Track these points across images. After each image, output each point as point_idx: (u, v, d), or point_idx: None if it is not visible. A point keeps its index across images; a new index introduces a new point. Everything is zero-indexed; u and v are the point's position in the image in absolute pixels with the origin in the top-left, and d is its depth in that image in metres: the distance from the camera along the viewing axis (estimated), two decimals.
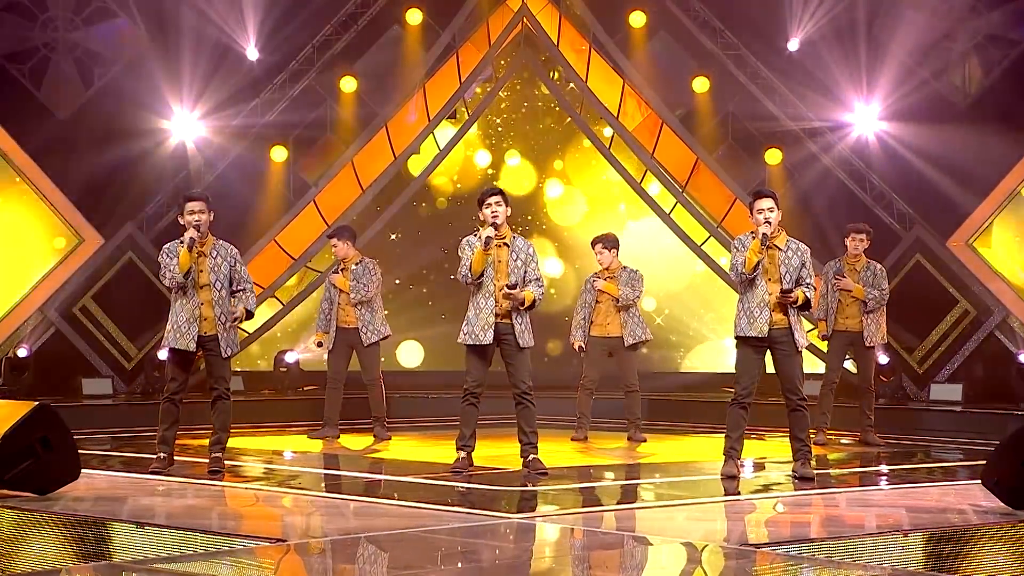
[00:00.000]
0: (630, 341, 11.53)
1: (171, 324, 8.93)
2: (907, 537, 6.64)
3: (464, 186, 17.84)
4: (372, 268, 11.79)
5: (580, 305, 11.75)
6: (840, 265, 11.53)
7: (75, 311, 15.20)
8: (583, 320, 11.65)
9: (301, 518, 7.44)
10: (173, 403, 9.00)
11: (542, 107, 18.15)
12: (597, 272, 11.71)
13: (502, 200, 8.90)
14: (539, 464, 8.92)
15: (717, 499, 8.14)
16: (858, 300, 11.35)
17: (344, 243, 11.82)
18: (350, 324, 11.71)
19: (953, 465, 10.71)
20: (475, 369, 8.99)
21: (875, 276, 11.38)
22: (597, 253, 11.68)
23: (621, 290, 11.49)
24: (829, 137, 15.62)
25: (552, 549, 6.51)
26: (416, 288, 17.68)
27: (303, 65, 16.19)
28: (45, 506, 7.32)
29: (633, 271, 11.65)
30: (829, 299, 11.49)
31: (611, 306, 11.54)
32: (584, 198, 18.07)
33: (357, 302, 11.61)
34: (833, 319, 11.44)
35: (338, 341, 11.74)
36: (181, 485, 8.59)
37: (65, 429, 7.85)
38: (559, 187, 18.12)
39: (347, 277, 11.70)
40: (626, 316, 11.53)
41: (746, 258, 8.65)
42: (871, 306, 11.30)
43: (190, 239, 8.77)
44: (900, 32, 14.97)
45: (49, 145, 15.02)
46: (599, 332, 11.60)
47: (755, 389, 8.84)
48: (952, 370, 14.88)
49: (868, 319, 11.33)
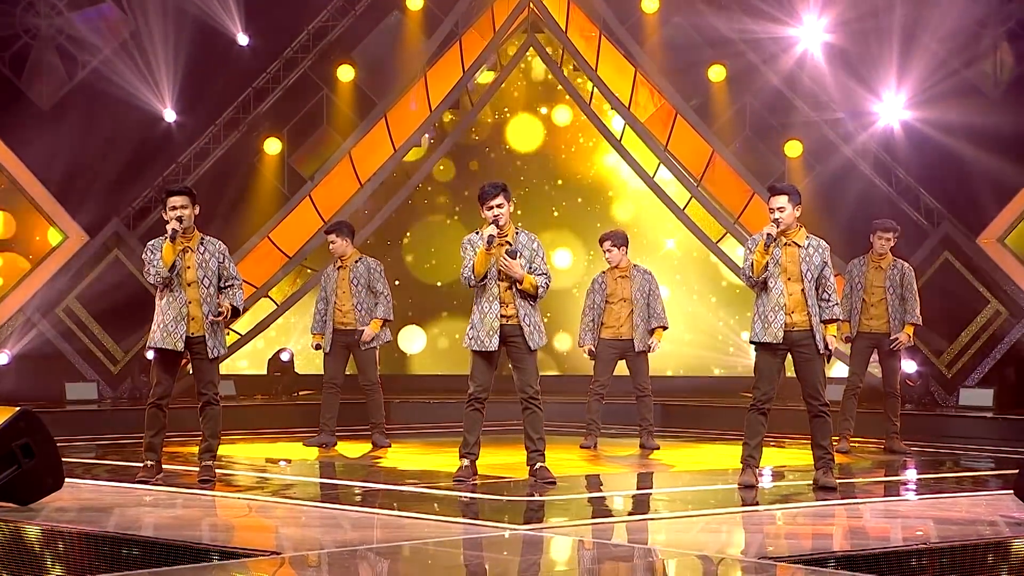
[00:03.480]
0: (639, 348, 11.52)
1: (157, 323, 8.93)
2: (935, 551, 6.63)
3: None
4: (378, 269, 11.78)
5: (588, 306, 11.65)
6: (864, 263, 11.51)
7: (58, 312, 15.23)
8: (592, 322, 11.59)
9: (296, 530, 7.44)
10: (159, 408, 8.98)
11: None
12: (605, 271, 11.68)
13: (503, 199, 8.89)
14: (547, 473, 8.92)
15: (734, 510, 8.12)
16: (884, 300, 11.32)
17: (343, 240, 11.80)
18: (348, 325, 11.69)
19: (983, 474, 10.70)
20: (480, 373, 8.99)
21: (903, 276, 11.34)
22: (606, 251, 11.61)
23: (660, 320, 11.49)
24: (852, 128, 15.60)
25: (561, 563, 6.51)
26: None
27: (298, 52, 16.21)
28: (27, 517, 7.32)
29: (645, 271, 11.64)
30: (853, 299, 11.46)
31: (622, 307, 11.52)
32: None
33: (386, 317, 11.66)
34: (857, 320, 11.42)
35: (335, 343, 11.71)
36: (170, 495, 8.59)
37: (48, 436, 7.85)
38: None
39: (347, 276, 11.69)
40: (638, 319, 11.51)
41: (754, 260, 8.65)
42: (913, 320, 11.30)
43: (172, 231, 8.79)
44: (928, 18, 14.93)
45: (31, 137, 15.05)
46: (610, 335, 11.55)
47: (775, 394, 8.84)
48: (983, 374, 14.86)
49: (895, 322, 11.31)
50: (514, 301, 8.88)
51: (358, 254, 11.88)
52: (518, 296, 8.88)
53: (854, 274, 11.50)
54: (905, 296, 11.33)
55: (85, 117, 15.13)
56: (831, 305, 8.69)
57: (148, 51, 15.33)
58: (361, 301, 11.68)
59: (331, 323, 11.69)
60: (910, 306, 11.31)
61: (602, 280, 11.61)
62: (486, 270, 8.85)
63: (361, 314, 11.66)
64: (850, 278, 11.52)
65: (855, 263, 11.59)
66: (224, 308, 8.97)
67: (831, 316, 8.70)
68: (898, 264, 11.43)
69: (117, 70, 15.28)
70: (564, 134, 18.18)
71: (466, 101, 16.87)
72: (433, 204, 18.18)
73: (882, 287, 11.35)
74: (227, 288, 9.04)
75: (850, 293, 11.48)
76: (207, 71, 15.58)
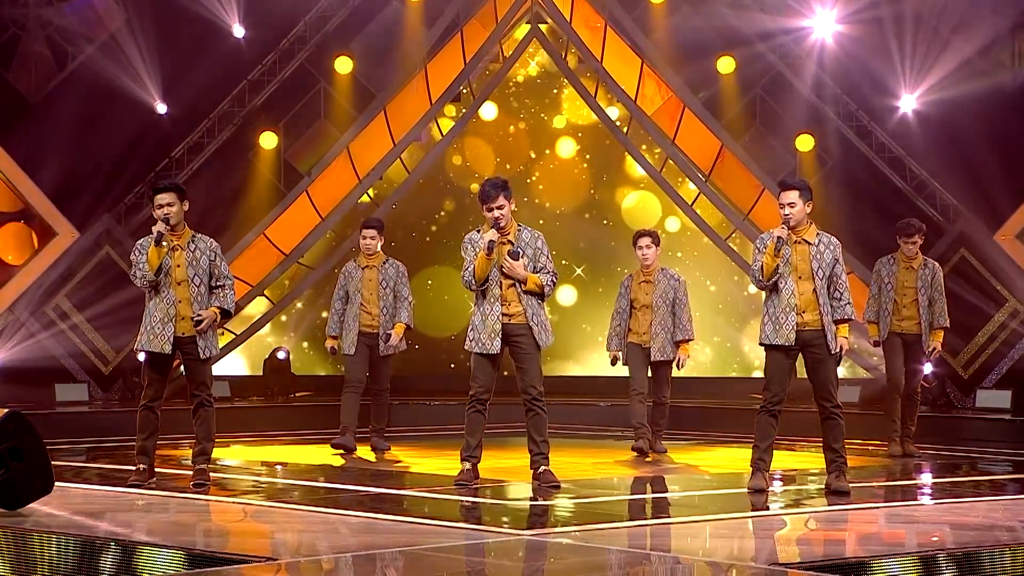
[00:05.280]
0: (659, 358, 11.29)
1: (144, 325, 8.91)
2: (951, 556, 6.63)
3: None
4: (405, 272, 11.70)
5: (615, 312, 11.49)
6: (895, 263, 11.36)
7: (48, 311, 15.22)
8: (619, 327, 11.42)
9: (293, 535, 7.44)
10: (151, 411, 8.96)
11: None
12: (632, 274, 11.50)
13: (504, 199, 8.86)
14: (551, 476, 8.92)
15: (744, 514, 8.12)
16: (917, 301, 11.22)
17: (382, 238, 11.70)
18: (374, 328, 11.53)
19: (1001, 478, 10.69)
20: (482, 375, 8.98)
21: (934, 276, 11.27)
22: (645, 248, 11.31)
23: (688, 335, 11.27)
24: (865, 121, 15.59)
25: (565, 568, 6.51)
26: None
27: (294, 44, 16.20)
28: (15, 522, 7.32)
29: (673, 276, 11.41)
30: (882, 300, 11.35)
31: (645, 314, 11.28)
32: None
33: (410, 324, 11.54)
34: (888, 321, 11.30)
35: (360, 344, 11.50)
36: (163, 499, 8.59)
37: (37, 438, 7.85)
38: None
39: (374, 277, 11.53)
40: (658, 327, 11.26)
41: (763, 263, 8.64)
42: (943, 323, 11.23)
43: (158, 233, 8.73)
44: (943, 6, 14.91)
45: (19, 131, 15.04)
46: (637, 340, 11.33)
47: (786, 396, 8.83)
48: (1000, 375, 14.85)
49: (926, 323, 11.20)
50: (518, 300, 8.87)
51: (384, 255, 11.74)
52: (524, 294, 8.87)
53: (883, 274, 11.38)
54: (934, 297, 11.26)
55: (75, 110, 15.11)
56: (843, 304, 8.68)
57: (140, 42, 15.31)
58: (388, 305, 11.54)
59: (355, 324, 11.51)
60: (939, 308, 11.24)
61: (628, 284, 11.48)
62: (487, 275, 8.84)
63: (385, 318, 11.52)
64: (878, 278, 11.43)
65: (883, 262, 11.46)
66: (205, 317, 8.88)
67: (843, 315, 8.68)
68: (929, 264, 11.36)
69: (108, 62, 15.27)
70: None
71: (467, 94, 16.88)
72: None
73: (914, 287, 11.25)
74: (218, 288, 9.00)
75: (878, 294, 11.38)
76: (201, 62, 15.55)
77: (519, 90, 18.37)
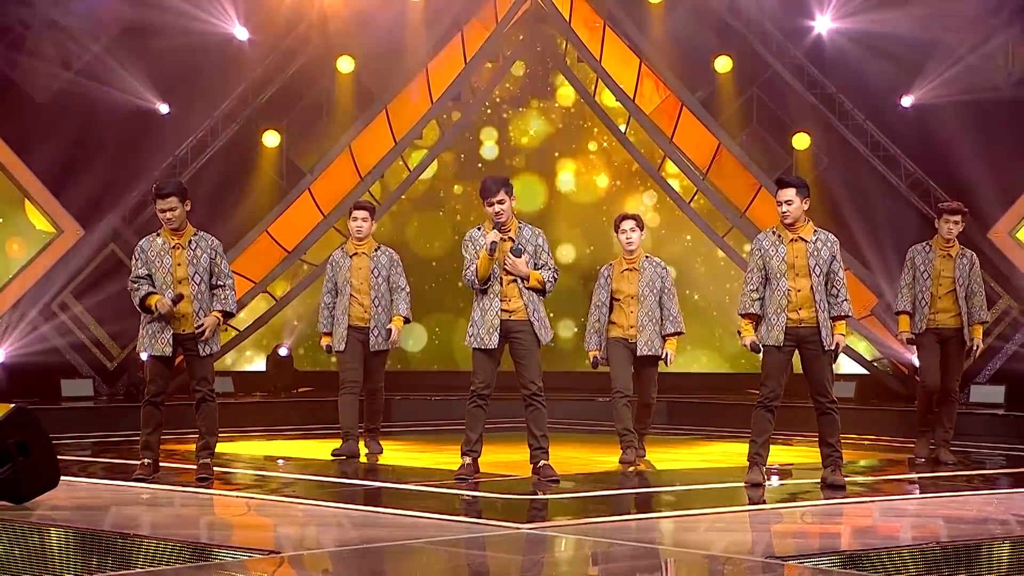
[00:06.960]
0: (645, 352, 10.15)
1: (144, 327, 8.91)
2: (945, 549, 6.63)
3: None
4: (399, 261, 10.79)
5: (594, 305, 10.27)
6: (931, 250, 10.39)
7: (54, 307, 15.22)
8: (597, 322, 10.22)
9: (295, 529, 7.44)
10: (155, 406, 8.97)
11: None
12: (612, 262, 10.33)
13: (505, 196, 8.84)
14: (550, 471, 8.92)
15: (741, 508, 8.13)
16: (954, 292, 10.26)
17: (372, 221, 10.75)
18: (366, 322, 10.60)
19: (995, 472, 10.69)
20: (482, 370, 8.98)
21: (972, 266, 10.36)
22: (629, 231, 10.09)
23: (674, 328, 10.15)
24: (860, 120, 15.58)
25: (565, 562, 6.51)
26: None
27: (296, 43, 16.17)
28: (22, 515, 7.33)
29: (658, 264, 10.23)
30: (917, 290, 10.39)
31: (630, 304, 10.13)
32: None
33: (408, 316, 10.67)
34: (924, 313, 10.35)
35: (351, 340, 10.58)
36: (167, 493, 8.60)
37: (43, 433, 7.85)
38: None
39: (365, 265, 10.58)
40: (645, 318, 10.13)
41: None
42: (983, 316, 10.34)
43: (173, 298, 8.72)
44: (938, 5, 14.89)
45: (26, 130, 15.03)
46: (620, 334, 10.15)
47: (782, 391, 8.83)
48: (994, 371, 14.84)
49: (964, 316, 10.27)
50: (519, 296, 8.86)
51: (375, 242, 10.84)
52: (525, 290, 8.86)
53: (917, 262, 10.40)
54: (973, 289, 10.30)
55: (80, 109, 15.11)
56: (840, 301, 8.68)
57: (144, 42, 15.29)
58: (381, 295, 10.59)
59: (345, 318, 10.56)
60: (979, 301, 10.30)
61: (608, 274, 10.29)
62: (489, 274, 8.83)
63: (378, 311, 10.59)
64: (912, 266, 10.43)
65: (917, 250, 10.47)
66: (208, 324, 8.85)
67: (840, 312, 8.68)
68: (967, 253, 10.39)
69: (113, 61, 15.25)
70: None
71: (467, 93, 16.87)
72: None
73: (951, 277, 10.28)
74: (218, 288, 8.97)
75: (912, 283, 10.40)
76: (204, 62, 15.54)
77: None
